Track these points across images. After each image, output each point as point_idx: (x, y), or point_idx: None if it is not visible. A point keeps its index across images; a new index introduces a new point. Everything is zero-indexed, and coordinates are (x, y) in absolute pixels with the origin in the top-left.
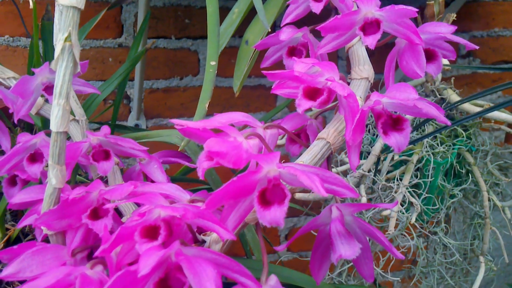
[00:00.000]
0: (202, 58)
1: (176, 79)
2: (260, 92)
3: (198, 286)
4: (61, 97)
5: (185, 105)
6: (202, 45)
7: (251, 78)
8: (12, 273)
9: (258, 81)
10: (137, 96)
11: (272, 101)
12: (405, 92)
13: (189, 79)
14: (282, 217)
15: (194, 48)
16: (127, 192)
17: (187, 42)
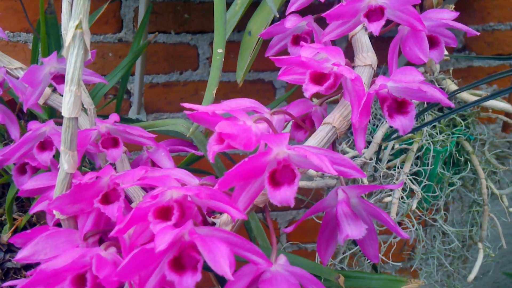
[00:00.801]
0: (202, 53)
1: (176, 74)
2: (259, 87)
3: (212, 262)
4: (72, 84)
5: (185, 100)
6: (201, 40)
7: (250, 72)
8: (27, 256)
9: (257, 75)
10: (138, 90)
11: (271, 95)
12: (411, 74)
13: (189, 73)
14: (292, 197)
15: (194, 43)
16: (139, 176)
17: (186, 37)
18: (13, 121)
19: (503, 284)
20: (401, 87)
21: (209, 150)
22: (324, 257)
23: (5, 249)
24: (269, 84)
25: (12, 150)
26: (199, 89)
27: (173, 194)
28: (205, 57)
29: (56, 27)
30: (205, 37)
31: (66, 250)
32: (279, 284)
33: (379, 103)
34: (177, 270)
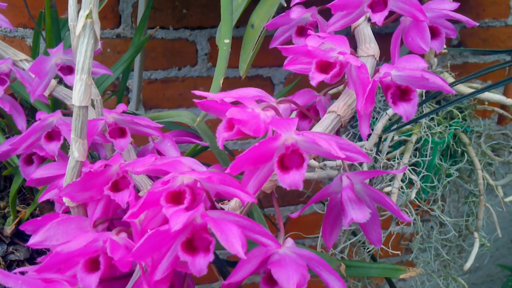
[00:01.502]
0: (200, 49)
1: (175, 70)
2: (257, 82)
3: (225, 242)
4: (83, 72)
5: (183, 96)
6: (200, 36)
7: (249, 68)
8: (39, 241)
9: (255, 71)
10: (136, 86)
11: (270, 91)
12: (414, 62)
13: (187, 69)
14: (301, 180)
15: (192, 39)
16: (149, 163)
17: (185, 33)
18: (20, 112)
19: (496, 277)
20: (404, 75)
21: (218, 137)
22: (329, 241)
23: (8, 241)
24: (268, 80)
25: (20, 140)
26: (197, 85)
27: (184, 179)
28: (204, 53)
29: (57, 20)
30: (204, 32)
31: (77, 236)
32: (287, 265)
33: (383, 91)
34: (190, 252)
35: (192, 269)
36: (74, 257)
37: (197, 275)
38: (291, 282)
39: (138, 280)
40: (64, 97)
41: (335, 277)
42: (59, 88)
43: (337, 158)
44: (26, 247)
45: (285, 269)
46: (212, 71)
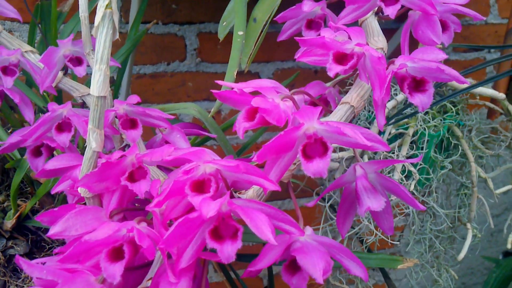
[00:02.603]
0: (189, 44)
1: (163, 65)
2: (246, 78)
3: (255, 229)
4: (102, 63)
5: (172, 91)
6: (188, 31)
7: None
8: (59, 232)
9: None
10: (126, 81)
11: None
12: (433, 53)
13: (176, 64)
14: (325, 168)
15: (181, 34)
16: (168, 153)
17: (174, 28)
18: (28, 103)
19: (476, 269)
20: (419, 67)
21: (238, 127)
22: (343, 229)
23: (8, 235)
24: (256, 75)
25: (31, 131)
26: (186, 80)
27: (207, 168)
28: (193, 48)
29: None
30: (193, 28)
31: (95, 226)
32: (311, 252)
33: (398, 82)
34: (217, 239)
35: (220, 256)
36: (94, 247)
37: (226, 262)
38: (317, 269)
39: (160, 269)
40: (70, 88)
41: (357, 264)
42: (65, 80)
43: (361, 147)
44: (26, 241)
45: (310, 256)
46: (201, 66)
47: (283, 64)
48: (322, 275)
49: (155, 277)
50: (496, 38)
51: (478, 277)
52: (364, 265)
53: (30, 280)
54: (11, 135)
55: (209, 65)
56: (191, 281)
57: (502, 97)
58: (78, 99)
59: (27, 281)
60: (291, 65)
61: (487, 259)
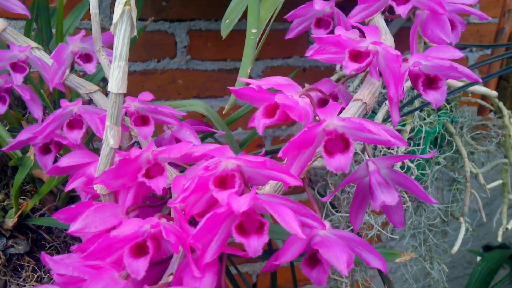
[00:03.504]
0: (179, 41)
1: (153, 62)
2: (235, 76)
3: (284, 223)
4: (121, 59)
5: (162, 88)
6: (179, 28)
7: (227, 61)
8: (79, 228)
9: (233, 64)
10: None
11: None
12: (448, 51)
13: (166, 61)
14: (347, 164)
15: (171, 31)
16: (187, 149)
17: (164, 25)
18: (36, 101)
19: (458, 263)
20: (433, 65)
21: (258, 123)
22: (355, 223)
23: (8, 234)
24: None
25: (43, 128)
26: (176, 77)
27: (229, 164)
28: (183, 45)
29: (47, 10)
30: (183, 25)
31: (114, 223)
32: (332, 245)
33: (411, 80)
34: (243, 234)
35: (248, 250)
36: (115, 243)
37: (253, 256)
38: (341, 261)
39: (182, 264)
40: (76, 85)
41: (376, 256)
42: (71, 77)
43: (380, 143)
44: (26, 240)
45: (332, 249)
46: (191, 64)
47: (272, 62)
48: (346, 268)
49: (177, 272)
50: (478, 37)
51: (459, 271)
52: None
53: (31, 280)
54: (21, 133)
55: (200, 62)
56: (215, 276)
57: (494, 94)
58: (85, 96)
59: (28, 280)
60: (280, 63)
61: (473, 252)
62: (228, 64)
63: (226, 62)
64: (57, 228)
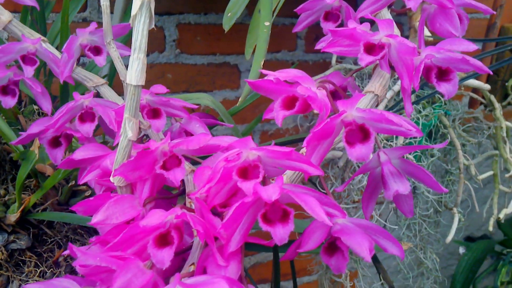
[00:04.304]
0: (168, 35)
1: None
2: (224, 70)
3: (312, 212)
4: (140, 51)
5: (152, 82)
6: (168, 22)
7: (217, 55)
8: (101, 220)
9: (223, 58)
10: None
11: (236, 79)
12: (462, 44)
13: (155, 55)
14: (368, 153)
15: (160, 24)
16: (205, 141)
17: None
18: (45, 94)
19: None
20: (445, 57)
21: (276, 115)
22: (367, 212)
23: (10, 230)
24: (235, 67)
25: (56, 121)
26: (165, 71)
27: (250, 155)
28: (172, 39)
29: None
30: (172, 18)
31: (133, 214)
32: (353, 233)
33: (422, 72)
34: (269, 223)
35: (274, 238)
36: (137, 234)
37: (279, 244)
38: (363, 248)
39: (204, 254)
40: (83, 78)
41: (393, 243)
42: (78, 70)
43: (399, 134)
44: (27, 235)
45: (354, 236)
46: (180, 58)
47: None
48: (369, 254)
49: (200, 262)
50: (469, 32)
51: (442, 262)
52: None
53: (33, 275)
54: (32, 126)
55: (189, 56)
56: (240, 264)
57: (487, 87)
58: (92, 89)
59: (31, 276)
60: (269, 57)
61: (458, 243)
62: (218, 58)
63: (216, 56)
64: (58, 223)
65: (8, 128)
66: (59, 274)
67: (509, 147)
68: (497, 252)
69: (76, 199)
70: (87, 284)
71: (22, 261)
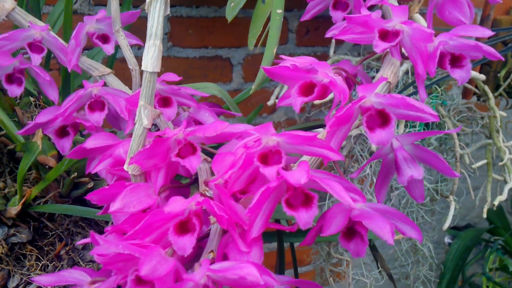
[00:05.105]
0: None
1: (134, 49)
2: (217, 63)
3: (336, 194)
4: (156, 38)
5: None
6: None
7: (209, 48)
8: (119, 208)
9: (215, 52)
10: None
11: (228, 72)
12: (477, 30)
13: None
14: (389, 138)
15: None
16: (222, 128)
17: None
18: (52, 83)
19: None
20: (458, 44)
21: (295, 102)
22: (379, 197)
23: (11, 223)
24: (227, 60)
25: (66, 109)
26: None
27: (269, 141)
28: (164, 32)
29: None
30: None
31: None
32: (374, 217)
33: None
34: (292, 208)
35: (299, 223)
36: (155, 222)
37: (303, 228)
38: (385, 231)
39: (223, 241)
40: (89, 67)
41: (411, 226)
42: (83, 59)
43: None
44: (28, 229)
45: (375, 220)
46: (172, 51)
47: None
48: (392, 237)
49: (220, 249)
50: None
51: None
52: None
53: (35, 269)
54: (39, 115)
55: (181, 49)
56: (261, 250)
57: (482, 78)
58: (97, 78)
59: (32, 270)
60: (261, 50)
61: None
62: (210, 52)
63: (207, 49)
64: (59, 216)
65: (8, 119)
66: (61, 268)
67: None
68: (484, 240)
69: (78, 191)
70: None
71: (23, 254)
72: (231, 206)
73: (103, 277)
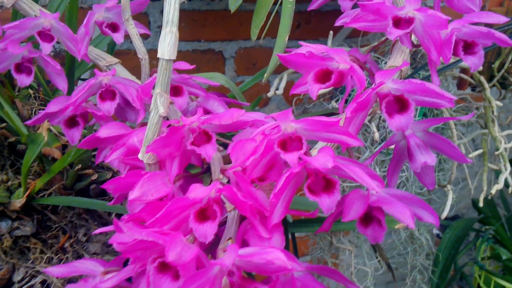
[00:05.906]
0: (153, 21)
1: (127, 42)
2: (209, 56)
3: (361, 181)
4: (173, 25)
5: (137, 69)
6: (152, 7)
7: (201, 42)
8: (138, 196)
9: (207, 45)
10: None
11: (221, 65)
12: (492, 17)
13: None
14: (408, 124)
15: (145, 10)
16: (238, 116)
17: None
18: (61, 73)
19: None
20: (471, 31)
21: (311, 89)
22: (390, 183)
23: (15, 216)
24: (219, 54)
25: (77, 98)
26: (150, 57)
27: (288, 128)
28: (157, 25)
29: None
30: (156, 4)
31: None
32: (392, 202)
33: None
34: (314, 193)
35: (322, 208)
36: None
37: (326, 213)
38: (406, 216)
39: (242, 227)
40: (96, 57)
41: (429, 212)
42: (90, 48)
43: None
44: (32, 221)
45: (395, 205)
46: None
47: (245, 43)
48: (412, 221)
49: (239, 236)
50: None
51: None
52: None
53: (40, 262)
54: (49, 105)
55: None
56: (283, 236)
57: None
58: (104, 68)
59: (37, 262)
60: (253, 44)
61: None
62: (202, 45)
63: (200, 42)
64: (63, 208)
65: (12, 111)
66: (66, 260)
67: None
68: (475, 229)
69: (82, 183)
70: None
71: (27, 248)
72: (251, 193)
73: (118, 266)
